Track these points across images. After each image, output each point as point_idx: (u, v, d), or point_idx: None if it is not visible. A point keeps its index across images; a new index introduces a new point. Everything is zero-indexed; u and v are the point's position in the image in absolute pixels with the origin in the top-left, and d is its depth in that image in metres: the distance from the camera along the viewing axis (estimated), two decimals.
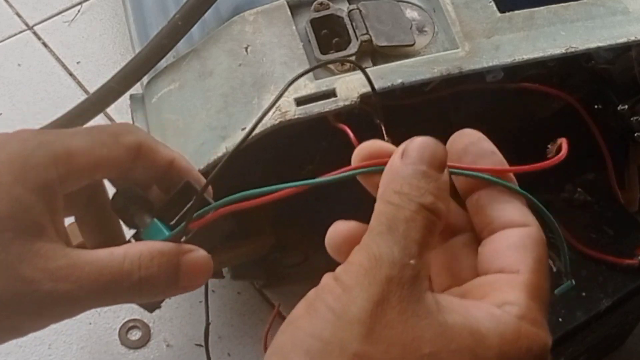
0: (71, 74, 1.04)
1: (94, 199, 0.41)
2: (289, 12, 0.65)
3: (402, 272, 0.30)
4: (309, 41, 0.64)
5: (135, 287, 0.35)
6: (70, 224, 0.40)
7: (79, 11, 1.09)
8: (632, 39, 0.64)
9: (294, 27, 0.64)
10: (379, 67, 0.62)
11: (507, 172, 0.37)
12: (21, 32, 1.08)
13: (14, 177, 0.33)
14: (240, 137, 0.59)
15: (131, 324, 0.80)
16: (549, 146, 0.40)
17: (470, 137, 0.37)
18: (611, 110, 0.73)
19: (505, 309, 0.32)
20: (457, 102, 0.79)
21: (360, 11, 0.64)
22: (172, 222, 0.38)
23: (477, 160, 0.36)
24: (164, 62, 0.68)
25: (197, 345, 0.79)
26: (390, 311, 0.30)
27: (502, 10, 0.66)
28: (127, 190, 0.40)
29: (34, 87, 1.02)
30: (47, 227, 0.34)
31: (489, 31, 0.64)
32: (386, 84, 0.60)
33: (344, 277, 0.31)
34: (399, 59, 0.63)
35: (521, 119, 0.82)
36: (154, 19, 0.77)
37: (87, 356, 0.80)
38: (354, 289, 0.30)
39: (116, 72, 0.68)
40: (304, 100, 0.60)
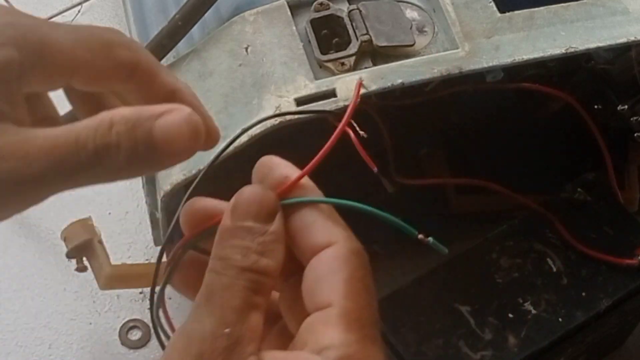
0: None
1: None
2: (289, 12, 0.66)
3: (214, 345, 0.29)
4: (309, 41, 0.64)
5: (93, 159, 0.30)
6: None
7: (79, 11, 1.09)
8: (632, 39, 0.65)
9: (294, 27, 0.65)
10: (379, 67, 0.62)
11: (291, 185, 0.33)
12: None
13: None
14: (240, 138, 0.59)
15: (131, 324, 0.80)
16: None
17: (262, 167, 0.34)
18: (611, 110, 0.73)
19: (324, 355, 0.29)
20: (457, 102, 0.80)
21: (360, 11, 0.64)
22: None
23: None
24: (164, 63, 0.68)
25: None
26: None
27: (502, 10, 0.66)
28: None
29: None
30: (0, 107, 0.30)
31: (489, 31, 0.64)
32: (386, 84, 0.60)
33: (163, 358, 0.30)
34: (399, 59, 0.63)
35: (521, 119, 0.83)
36: (154, 19, 0.77)
37: (87, 356, 0.80)
38: None
39: None
40: (304, 100, 0.60)
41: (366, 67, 0.63)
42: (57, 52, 0.31)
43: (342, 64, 0.62)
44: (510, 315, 0.63)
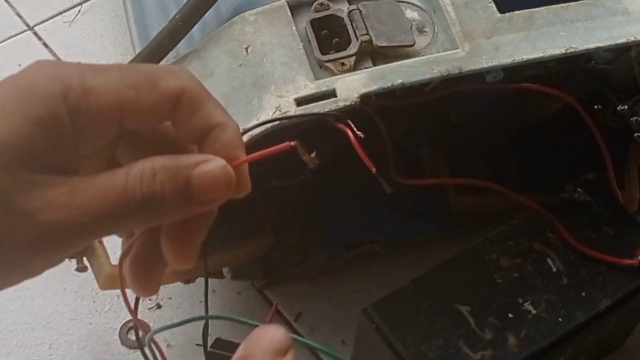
0: None
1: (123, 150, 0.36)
2: (289, 13, 0.66)
3: None
4: (309, 41, 0.64)
5: (140, 207, 0.32)
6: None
7: (79, 11, 1.09)
8: (632, 39, 0.65)
9: (294, 28, 0.65)
10: (379, 67, 0.62)
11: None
12: (22, 32, 1.08)
13: (17, 106, 0.31)
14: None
15: (132, 324, 0.80)
16: None
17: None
18: (611, 110, 0.73)
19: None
20: (457, 102, 0.80)
21: (360, 11, 0.64)
22: None
23: None
24: (164, 63, 0.68)
25: (197, 345, 0.79)
26: None
27: (502, 10, 0.66)
28: None
29: None
30: (47, 159, 0.31)
31: (489, 31, 0.64)
32: (386, 84, 0.60)
33: None
34: (399, 59, 0.63)
35: (521, 119, 0.83)
36: (155, 20, 0.77)
37: (87, 356, 0.80)
38: None
39: None
40: (304, 100, 0.60)
41: (366, 67, 0.63)
42: (101, 95, 0.32)
43: (342, 64, 0.62)
44: (510, 315, 0.63)
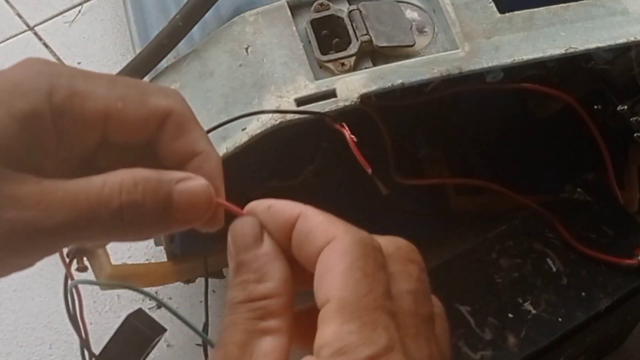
0: None
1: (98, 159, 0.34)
2: (290, 13, 0.66)
3: None
4: (309, 42, 0.64)
5: (116, 216, 0.30)
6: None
7: (79, 12, 1.09)
8: (632, 39, 0.65)
9: (295, 28, 0.65)
10: (379, 67, 0.62)
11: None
12: (22, 32, 1.08)
13: (0, 100, 0.30)
14: (241, 138, 0.60)
15: None
16: None
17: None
18: (611, 110, 0.73)
19: (320, 355, 0.28)
20: (457, 102, 0.80)
21: (360, 12, 0.64)
22: None
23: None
24: (164, 63, 0.68)
25: (197, 345, 0.79)
26: None
27: (502, 10, 0.66)
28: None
29: None
30: (23, 156, 0.30)
31: (488, 32, 0.64)
32: (386, 84, 0.61)
33: None
34: (399, 59, 0.63)
35: (521, 119, 0.83)
36: (155, 20, 0.78)
37: None
38: None
39: (117, 73, 0.69)
40: (304, 100, 0.60)
41: (366, 68, 0.63)
42: (88, 99, 0.31)
43: (342, 64, 0.62)
44: (510, 315, 0.64)
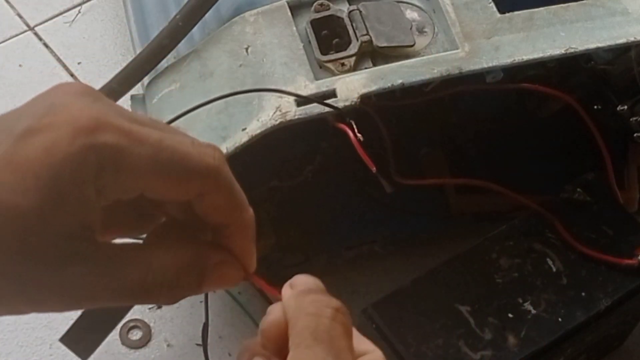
0: (72, 75, 1.04)
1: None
2: (290, 13, 0.66)
3: None
4: (309, 42, 0.64)
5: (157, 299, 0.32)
6: None
7: (79, 12, 1.09)
8: (632, 39, 0.65)
9: (295, 28, 0.65)
10: (379, 67, 0.62)
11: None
12: (22, 32, 1.08)
13: (43, 164, 0.28)
14: (241, 138, 0.60)
15: (132, 324, 0.81)
16: None
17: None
18: (611, 110, 0.73)
19: None
20: (457, 102, 0.80)
21: (360, 12, 0.64)
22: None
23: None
24: (164, 63, 0.68)
25: (197, 345, 0.79)
26: None
27: (502, 11, 0.66)
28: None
29: (35, 88, 1.01)
30: (76, 249, 0.29)
31: (488, 32, 0.64)
32: (386, 84, 0.61)
33: None
34: (399, 59, 0.63)
35: (521, 119, 0.83)
36: (155, 20, 0.78)
37: None
38: None
39: (117, 73, 0.68)
40: (304, 100, 0.60)
41: (366, 68, 0.63)
42: (130, 179, 0.30)
43: (343, 65, 0.63)
44: (510, 315, 0.64)
